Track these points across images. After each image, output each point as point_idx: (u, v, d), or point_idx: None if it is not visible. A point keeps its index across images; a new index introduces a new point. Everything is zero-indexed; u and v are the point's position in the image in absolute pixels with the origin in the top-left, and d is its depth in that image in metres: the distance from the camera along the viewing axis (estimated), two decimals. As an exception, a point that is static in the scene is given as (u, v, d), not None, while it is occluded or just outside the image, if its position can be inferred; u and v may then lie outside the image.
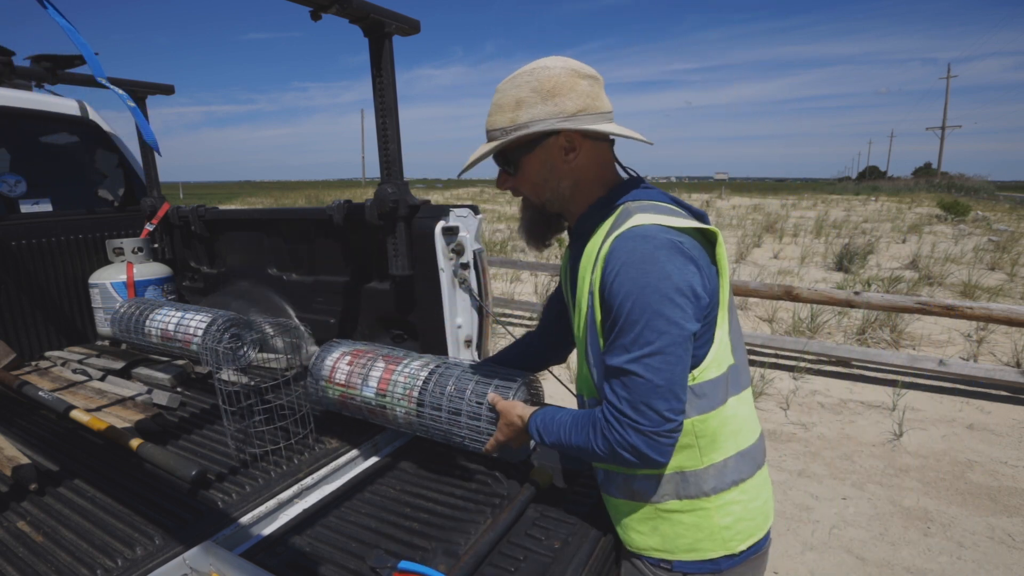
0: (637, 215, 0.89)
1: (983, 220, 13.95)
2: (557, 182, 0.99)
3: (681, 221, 0.89)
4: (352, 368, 1.43)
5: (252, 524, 1.19)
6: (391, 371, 1.37)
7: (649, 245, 0.84)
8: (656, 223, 0.87)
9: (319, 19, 1.50)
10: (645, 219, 0.88)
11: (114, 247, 2.42)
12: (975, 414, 3.66)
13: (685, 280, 0.84)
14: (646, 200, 0.96)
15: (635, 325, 0.84)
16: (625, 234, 0.87)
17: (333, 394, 1.44)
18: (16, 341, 2.20)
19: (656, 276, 0.83)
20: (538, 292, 6.16)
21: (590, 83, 0.94)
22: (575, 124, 0.92)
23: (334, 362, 1.47)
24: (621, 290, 0.85)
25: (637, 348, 0.84)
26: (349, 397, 1.41)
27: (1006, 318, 3.86)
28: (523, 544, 1.06)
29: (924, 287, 6.88)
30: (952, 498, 2.75)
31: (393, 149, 1.72)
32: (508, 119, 0.95)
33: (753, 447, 0.99)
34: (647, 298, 0.83)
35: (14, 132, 2.36)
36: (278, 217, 2.28)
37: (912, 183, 42.67)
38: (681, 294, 0.83)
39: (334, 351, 1.50)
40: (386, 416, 1.37)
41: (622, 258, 0.85)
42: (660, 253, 0.84)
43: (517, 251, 10.02)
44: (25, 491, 1.27)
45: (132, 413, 1.60)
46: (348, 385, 1.42)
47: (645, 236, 0.85)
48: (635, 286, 0.83)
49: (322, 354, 1.50)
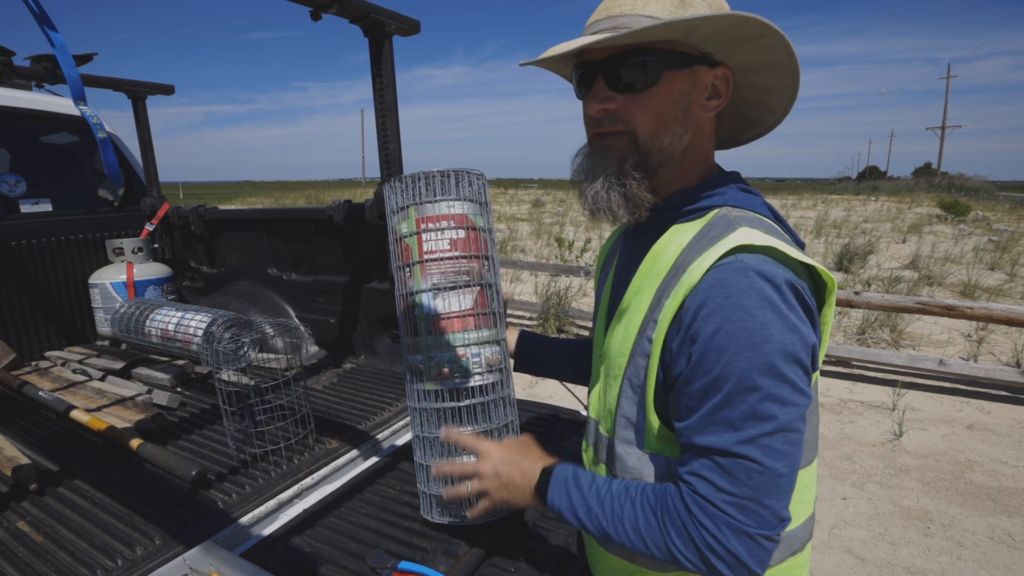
0: (743, 231, 0.66)
1: (983, 220, 13.95)
2: (683, 129, 0.73)
3: (796, 251, 0.67)
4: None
5: (252, 524, 1.19)
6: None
7: (765, 287, 0.62)
8: (772, 252, 0.65)
9: (319, 19, 1.50)
10: (756, 240, 0.65)
11: (114, 247, 2.41)
12: (975, 414, 3.66)
13: (807, 338, 0.64)
14: (749, 210, 0.74)
15: (748, 394, 0.62)
16: (731, 264, 0.64)
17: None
18: (16, 341, 2.20)
19: (777, 330, 0.62)
20: (538, 292, 6.15)
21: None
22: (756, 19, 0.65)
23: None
24: (723, 345, 0.62)
25: (753, 425, 0.62)
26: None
27: (1006, 318, 3.86)
28: (523, 545, 1.06)
29: (924, 287, 6.88)
30: (952, 498, 2.75)
31: (393, 149, 1.73)
32: (669, 7, 0.68)
33: (804, 523, 0.78)
34: (766, 359, 0.61)
35: (14, 132, 2.36)
36: (278, 217, 2.28)
37: (912, 183, 42.69)
38: (802, 354, 0.63)
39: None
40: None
41: (727, 299, 0.62)
42: (779, 299, 0.62)
43: (517, 251, 10.02)
44: (25, 491, 1.27)
45: (132, 413, 1.60)
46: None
47: (760, 273, 0.63)
48: (749, 342, 0.61)
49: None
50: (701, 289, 0.65)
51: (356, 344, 2.15)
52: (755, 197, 0.76)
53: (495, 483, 0.86)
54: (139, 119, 2.55)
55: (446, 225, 1.01)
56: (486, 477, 0.87)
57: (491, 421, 1.03)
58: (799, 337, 0.63)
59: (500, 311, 1.06)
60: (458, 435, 0.95)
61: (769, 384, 0.61)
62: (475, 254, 1.03)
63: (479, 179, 1.06)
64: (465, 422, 1.02)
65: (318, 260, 2.21)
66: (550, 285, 6.16)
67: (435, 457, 1.04)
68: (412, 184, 1.02)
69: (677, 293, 0.67)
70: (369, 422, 1.61)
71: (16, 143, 2.38)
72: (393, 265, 1.06)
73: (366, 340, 2.11)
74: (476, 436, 0.95)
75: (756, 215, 0.73)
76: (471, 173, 1.04)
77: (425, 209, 1.02)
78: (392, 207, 1.05)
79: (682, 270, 0.68)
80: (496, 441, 0.93)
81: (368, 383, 1.92)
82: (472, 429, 1.02)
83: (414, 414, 1.07)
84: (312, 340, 2.29)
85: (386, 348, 2.10)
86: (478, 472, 0.88)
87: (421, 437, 1.06)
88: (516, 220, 14.81)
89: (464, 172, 1.03)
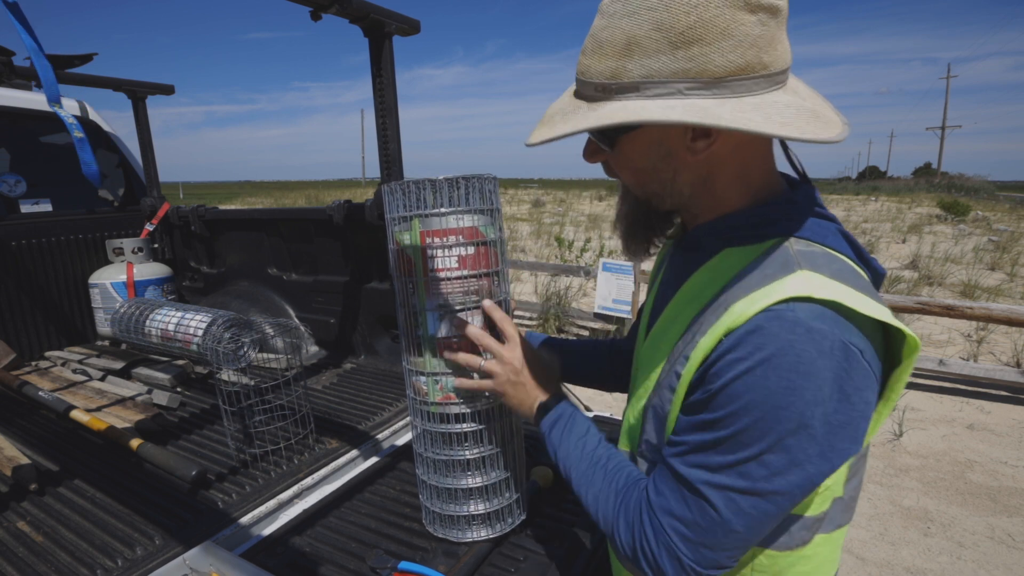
0: (803, 275, 0.56)
1: (983, 220, 13.95)
2: (672, 174, 0.65)
3: (866, 302, 0.55)
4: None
5: (252, 524, 1.19)
6: None
7: (809, 350, 0.53)
8: (834, 305, 0.55)
9: (319, 19, 1.50)
10: (818, 290, 0.55)
11: (114, 247, 2.42)
12: (975, 414, 3.66)
13: (848, 417, 0.55)
14: (818, 242, 0.62)
15: (739, 449, 0.56)
16: (779, 313, 0.54)
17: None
18: (16, 341, 2.20)
19: (802, 401, 0.53)
20: (538, 292, 6.16)
21: (762, 20, 0.54)
22: (711, 116, 0.53)
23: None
24: (738, 394, 0.55)
25: (728, 476, 0.57)
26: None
27: (1006, 318, 3.86)
28: (523, 545, 1.06)
29: (924, 287, 6.88)
30: (952, 498, 2.75)
31: (393, 149, 1.73)
32: (610, 69, 0.58)
33: None
34: (774, 426, 0.54)
35: (14, 132, 2.36)
36: (278, 217, 2.28)
37: (912, 183, 42.68)
38: (820, 428, 0.54)
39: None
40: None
41: (759, 349, 0.54)
42: (821, 365, 0.53)
43: (517, 251, 10.02)
44: (25, 491, 1.27)
45: (132, 413, 1.60)
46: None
47: (810, 331, 0.53)
48: (765, 403, 0.54)
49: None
50: (739, 336, 0.56)
51: (356, 344, 2.15)
52: (827, 224, 0.64)
53: (512, 375, 0.86)
54: (139, 119, 2.55)
55: (454, 241, 0.93)
56: (508, 363, 0.86)
57: (496, 444, 1.03)
58: (827, 411, 0.54)
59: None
60: (494, 312, 0.92)
61: (763, 448, 0.55)
62: (485, 271, 0.96)
63: (491, 184, 0.96)
64: (470, 443, 1.01)
65: (318, 260, 2.21)
66: (550, 285, 6.16)
67: (437, 476, 1.04)
68: (417, 191, 0.92)
69: (715, 331, 0.59)
70: (369, 422, 1.61)
71: (16, 143, 2.38)
72: (393, 273, 1.00)
73: (366, 340, 2.11)
74: (511, 321, 0.91)
75: (825, 249, 0.61)
76: (483, 179, 0.94)
77: (431, 222, 0.92)
78: (392, 213, 0.96)
79: (723, 307, 0.60)
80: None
81: (368, 383, 1.92)
82: (478, 451, 1.01)
83: (416, 432, 1.06)
84: (312, 340, 2.29)
85: (386, 348, 2.10)
86: (502, 357, 0.87)
87: (424, 456, 1.05)
88: (516, 220, 14.81)
89: (475, 179, 0.93)
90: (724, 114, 0.54)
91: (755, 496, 0.57)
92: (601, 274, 4.98)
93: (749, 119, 0.54)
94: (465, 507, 1.04)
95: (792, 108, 0.56)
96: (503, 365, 0.87)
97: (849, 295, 0.55)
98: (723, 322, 0.58)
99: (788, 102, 0.56)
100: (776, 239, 0.62)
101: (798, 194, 0.66)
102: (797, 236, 0.62)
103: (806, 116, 0.56)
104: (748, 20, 0.53)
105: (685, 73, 0.54)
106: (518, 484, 1.08)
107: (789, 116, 0.55)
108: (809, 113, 0.56)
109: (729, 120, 0.53)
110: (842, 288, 0.56)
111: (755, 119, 0.54)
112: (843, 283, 0.57)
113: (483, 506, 1.04)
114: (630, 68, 0.57)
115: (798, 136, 0.54)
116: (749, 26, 0.53)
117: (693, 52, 0.54)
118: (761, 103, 0.55)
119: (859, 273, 0.62)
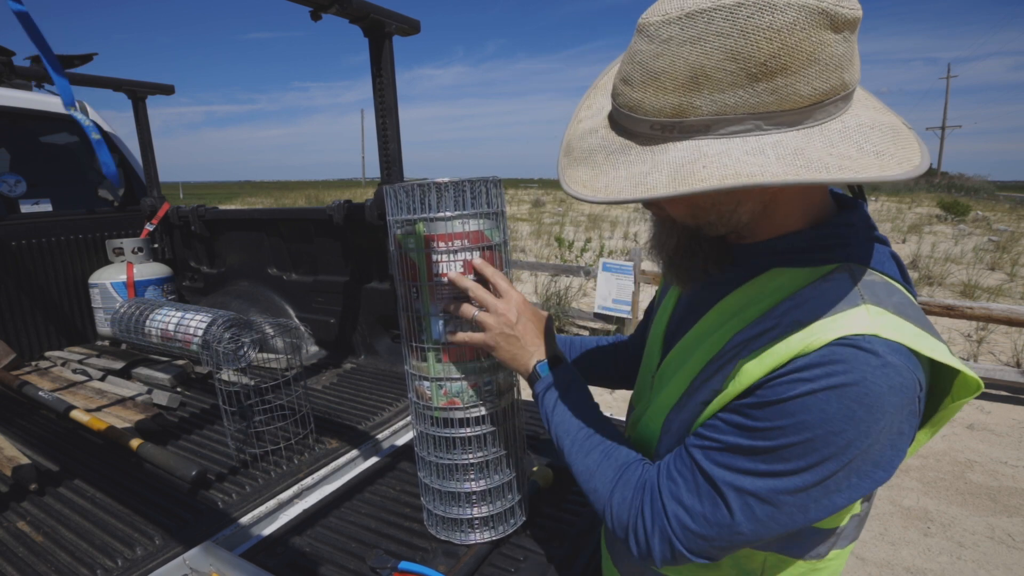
0: (870, 311, 0.54)
1: (983, 220, 13.96)
2: (734, 206, 0.60)
3: (932, 344, 0.54)
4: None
5: (252, 524, 1.19)
6: None
7: (884, 384, 0.51)
8: (906, 347, 0.52)
9: (319, 19, 1.50)
10: (890, 332, 0.52)
11: (114, 247, 2.42)
12: (975, 414, 3.66)
13: (895, 452, 0.54)
14: (876, 270, 0.59)
15: (781, 461, 0.54)
16: (859, 341, 0.52)
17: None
18: (16, 341, 2.20)
19: (858, 439, 0.52)
20: (538, 292, 6.16)
21: (846, 37, 0.47)
22: (814, 165, 0.47)
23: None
24: (791, 412, 0.53)
25: (756, 483, 0.56)
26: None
27: (1006, 318, 3.86)
28: (523, 545, 1.06)
29: (924, 287, 6.88)
30: (952, 498, 2.75)
31: (393, 149, 1.73)
32: (671, 106, 0.50)
33: None
34: (828, 449, 0.52)
35: (14, 132, 2.36)
36: (278, 217, 2.28)
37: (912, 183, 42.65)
38: (875, 467, 0.54)
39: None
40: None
41: (836, 378, 0.51)
42: (891, 403, 0.51)
43: (517, 251, 10.02)
44: (25, 491, 1.27)
45: (132, 413, 1.60)
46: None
47: (886, 367, 0.51)
48: (827, 428, 0.52)
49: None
50: (810, 359, 0.53)
51: (356, 344, 2.15)
52: (882, 249, 0.61)
53: (506, 328, 0.83)
54: (139, 119, 2.55)
55: (459, 246, 0.91)
56: (502, 315, 0.83)
57: (499, 447, 1.03)
58: (878, 446, 0.52)
59: None
60: (486, 268, 0.89)
61: (801, 467, 0.54)
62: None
63: (496, 187, 0.94)
64: (473, 447, 1.01)
65: (318, 260, 2.21)
66: (550, 285, 6.16)
67: (439, 479, 1.04)
68: (421, 194, 0.90)
69: (766, 360, 0.55)
70: (369, 422, 1.61)
71: (16, 143, 2.38)
72: (395, 275, 0.99)
73: (366, 340, 2.11)
74: (504, 276, 0.89)
75: (885, 279, 0.59)
76: (487, 182, 0.92)
77: (436, 226, 0.90)
78: (395, 215, 0.94)
79: (778, 336, 0.56)
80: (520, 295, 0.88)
81: (368, 383, 1.92)
82: (481, 455, 1.01)
83: (419, 435, 1.06)
84: (312, 340, 2.29)
85: (386, 348, 2.10)
86: (496, 309, 0.84)
87: (427, 460, 1.05)
88: (516, 220, 14.81)
89: (481, 183, 0.91)
90: (826, 159, 0.48)
91: (774, 507, 0.56)
92: (601, 274, 4.98)
93: (846, 163, 0.48)
94: (467, 510, 1.04)
95: (876, 129, 0.51)
96: (497, 316, 0.84)
97: (915, 337, 0.53)
98: (779, 351, 0.55)
99: (870, 121, 0.51)
100: (834, 264, 0.59)
101: (854, 215, 0.62)
102: (859, 266, 0.59)
103: (890, 137, 0.51)
104: (833, 40, 0.46)
105: (766, 107, 0.48)
106: (520, 486, 1.08)
107: (878, 141, 0.50)
108: (891, 132, 0.51)
109: (837, 171, 0.47)
110: (908, 327, 0.54)
111: (850, 153, 0.48)
112: (905, 319, 0.54)
113: (485, 509, 1.04)
114: (698, 104, 0.49)
115: (899, 174, 0.47)
116: (834, 46, 0.47)
117: (777, 84, 0.47)
118: (845, 129, 0.50)
119: (915, 304, 0.59)
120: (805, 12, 0.45)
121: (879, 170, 0.47)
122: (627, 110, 0.54)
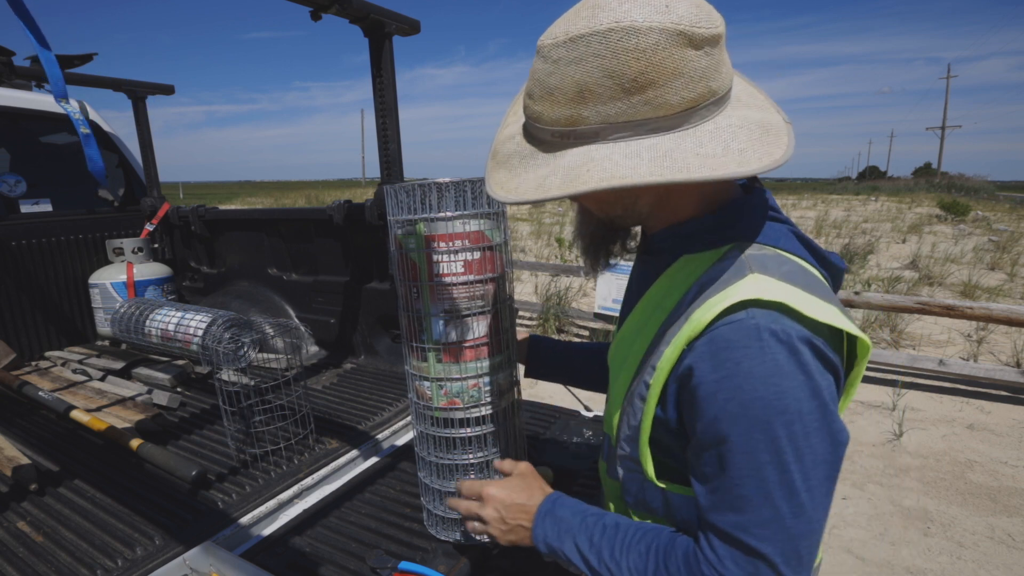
0: (753, 279, 0.58)
1: (983, 220, 13.96)
2: (633, 200, 0.67)
3: (812, 304, 0.58)
4: None
5: (252, 524, 1.19)
6: None
7: (779, 353, 0.55)
8: (783, 308, 0.57)
9: (319, 19, 1.50)
10: (766, 293, 0.57)
11: (114, 247, 2.42)
12: (975, 414, 3.66)
13: (822, 397, 0.57)
14: (769, 246, 0.64)
15: (739, 483, 0.58)
16: (741, 322, 0.57)
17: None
18: (16, 341, 2.20)
19: (792, 399, 0.56)
20: (538, 292, 6.16)
21: (707, 52, 0.55)
22: (678, 166, 0.54)
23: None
24: (735, 414, 0.57)
25: (771, 505, 0.58)
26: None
27: (1006, 318, 3.86)
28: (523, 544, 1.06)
29: (924, 287, 6.88)
30: (952, 498, 2.75)
31: (393, 149, 1.73)
32: (565, 117, 0.58)
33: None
34: (778, 431, 0.56)
35: (14, 132, 2.36)
36: (278, 217, 2.29)
37: (912, 183, 42.69)
38: (826, 416, 0.57)
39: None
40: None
41: (737, 365, 0.56)
42: (795, 363, 0.56)
43: (517, 251, 10.02)
44: (25, 491, 1.27)
45: (132, 413, 1.60)
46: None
47: (774, 334, 0.56)
48: (763, 413, 0.56)
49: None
50: (706, 349, 0.58)
51: (356, 344, 2.15)
52: (779, 227, 0.67)
53: (501, 528, 0.83)
54: (139, 119, 2.55)
55: (460, 246, 0.91)
56: (491, 523, 0.84)
57: (499, 447, 1.03)
58: (818, 404, 0.56)
59: (513, 328, 1.03)
60: (461, 484, 0.90)
61: (758, 468, 0.57)
62: (491, 276, 0.95)
63: None
64: (474, 447, 1.01)
65: (318, 260, 2.21)
66: (550, 285, 6.16)
67: (439, 479, 1.04)
68: (421, 194, 0.90)
69: (677, 342, 0.61)
70: (369, 422, 1.61)
71: (16, 143, 2.38)
72: (395, 275, 0.98)
73: (366, 340, 2.11)
74: (478, 481, 0.88)
75: (777, 251, 0.64)
76: None
77: (436, 227, 0.90)
78: (395, 215, 0.94)
79: (685, 316, 0.62)
80: (498, 481, 0.86)
81: (368, 383, 1.92)
82: (482, 455, 1.01)
83: (419, 436, 1.06)
84: (312, 340, 2.29)
85: (386, 348, 2.10)
86: (482, 518, 0.85)
87: (427, 460, 1.05)
88: (516, 220, 14.81)
89: (482, 182, 0.90)
90: (690, 160, 0.55)
91: (773, 525, 0.57)
92: (601, 274, 4.98)
93: (709, 161, 0.54)
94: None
95: (744, 128, 0.57)
96: (487, 527, 0.84)
97: (798, 298, 0.57)
98: (683, 333, 0.61)
99: (739, 120, 0.58)
100: (730, 245, 0.65)
101: (751, 198, 0.68)
102: (749, 243, 0.64)
103: (758, 134, 0.57)
104: (695, 56, 0.54)
105: (643, 115, 0.55)
106: None
107: (744, 139, 0.56)
108: (759, 129, 0.58)
109: (697, 170, 0.54)
110: (789, 289, 0.58)
111: (716, 152, 0.55)
112: (792, 284, 0.59)
113: None
114: (586, 115, 0.57)
115: (757, 169, 0.54)
116: (697, 60, 0.54)
117: (648, 96, 0.54)
118: (717, 129, 0.57)
119: (810, 272, 0.64)
120: (665, 34, 0.52)
121: (738, 166, 0.54)
122: (532, 120, 0.62)
